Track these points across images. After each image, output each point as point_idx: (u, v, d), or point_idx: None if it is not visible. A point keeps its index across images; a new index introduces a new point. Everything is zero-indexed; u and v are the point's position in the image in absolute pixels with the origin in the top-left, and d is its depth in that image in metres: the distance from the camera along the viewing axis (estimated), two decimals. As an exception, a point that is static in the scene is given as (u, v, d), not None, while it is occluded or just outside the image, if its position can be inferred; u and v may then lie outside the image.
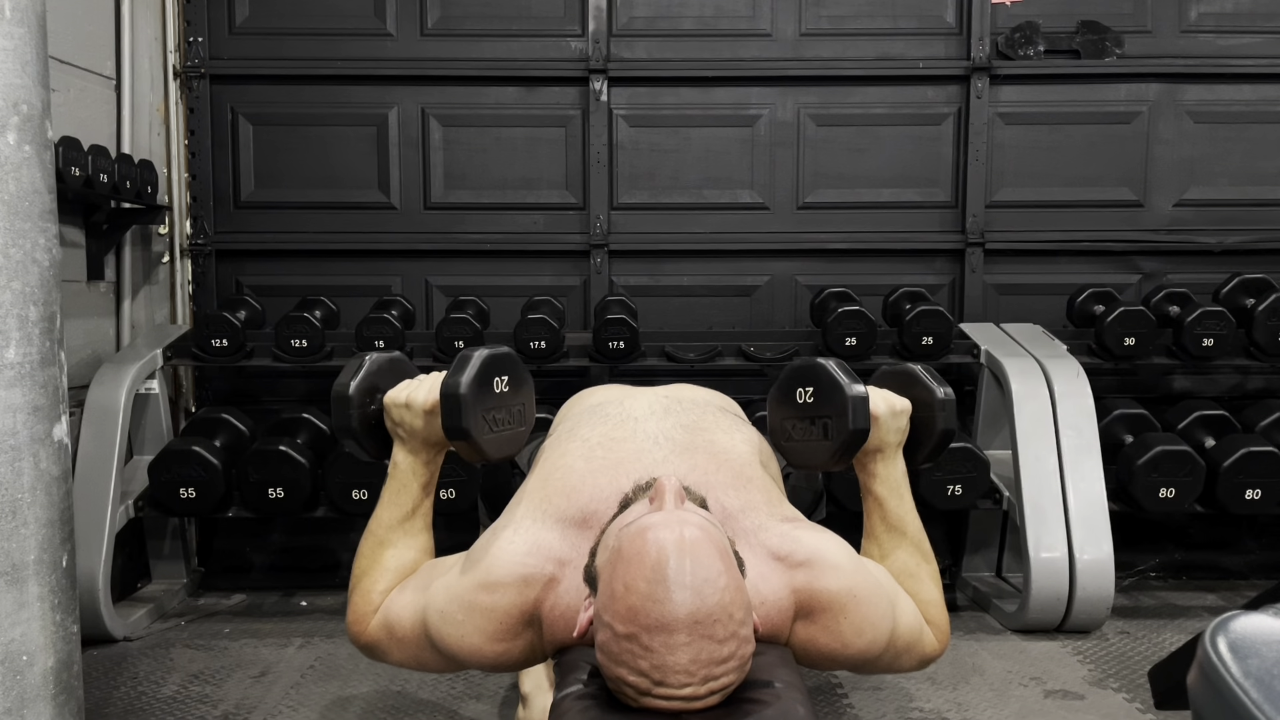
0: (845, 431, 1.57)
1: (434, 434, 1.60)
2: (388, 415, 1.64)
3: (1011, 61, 3.76)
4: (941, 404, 1.65)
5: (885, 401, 1.63)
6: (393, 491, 1.63)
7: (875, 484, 1.65)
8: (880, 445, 1.63)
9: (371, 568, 1.61)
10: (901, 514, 1.64)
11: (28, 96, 1.76)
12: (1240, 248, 3.76)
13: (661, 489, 1.34)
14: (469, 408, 1.54)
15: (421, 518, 1.64)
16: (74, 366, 3.06)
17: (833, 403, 1.58)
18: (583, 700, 1.32)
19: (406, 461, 1.63)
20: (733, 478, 1.49)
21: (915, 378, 1.70)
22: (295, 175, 3.80)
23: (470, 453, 1.60)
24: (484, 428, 1.57)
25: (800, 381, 1.63)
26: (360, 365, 1.66)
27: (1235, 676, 0.91)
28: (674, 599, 1.19)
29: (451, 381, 1.55)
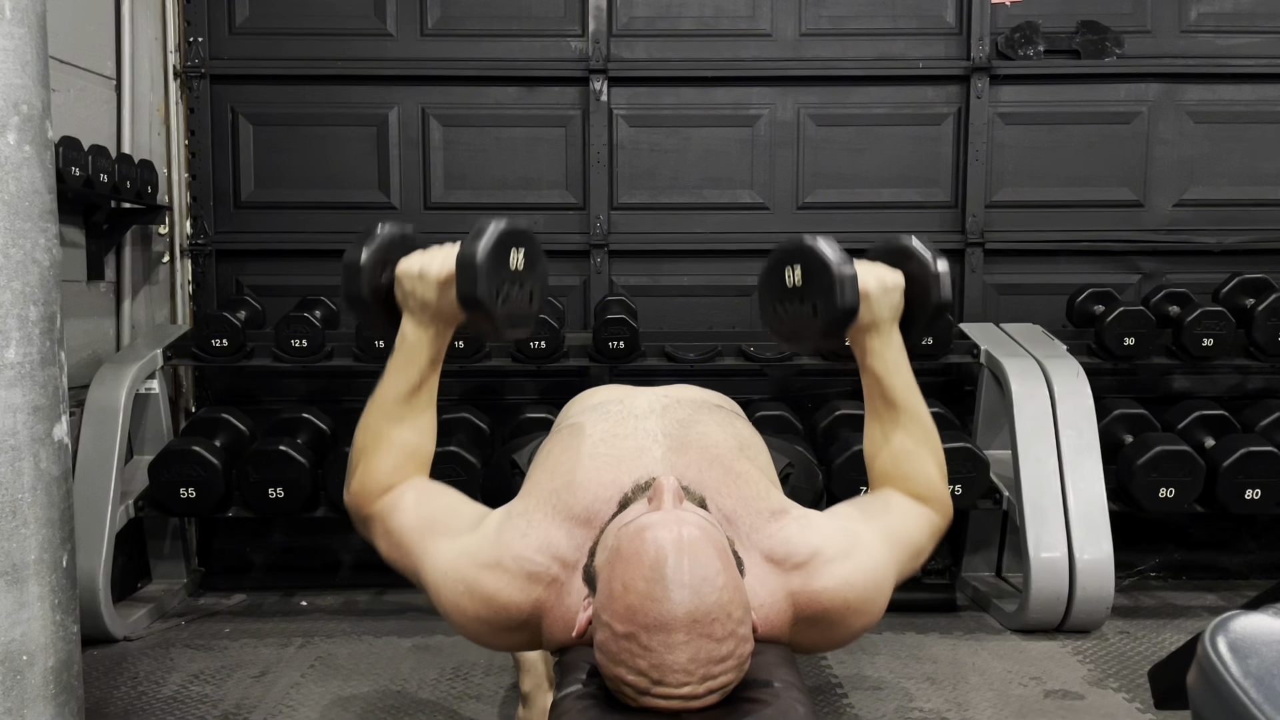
0: (834, 310, 1.53)
1: (446, 306, 1.56)
2: (399, 286, 1.59)
3: (1011, 61, 3.76)
4: (936, 277, 1.61)
5: (876, 277, 1.59)
6: (400, 365, 1.59)
7: (872, 360, 1.62)
8: (874, 321, 1.59)
9: (378, 443, 1.57)
10: (900, 389, 1.62)
11: (28, 96, 1.76)
12: (1240, 248, 3.76)
13: (660, 489, 1.34)
14: (484, 277, 1.50)
15: (427, 393, 1.61)
16: (74, 366, 3.05)
17: (821, 281, 1.54)
18: (582, 700, 1.32)
19: (415, 334, 1.59)
20: (724, 473, 1.49)
21: (909, 251, 1.65)
22: (295, 175, 3.80)
23: (482, 324, 1.56)
24: (498, 300, 1.53)
25: (788, 261, 1.60)
26: (372, 235, 1.63)
27: (1235, 676, 0.92)
28: (672, 598, 1.19)
29: (468, 250, 1.51)
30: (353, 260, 1.61)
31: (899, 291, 1.61)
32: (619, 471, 1.47)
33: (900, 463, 1.61)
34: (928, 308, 1.63)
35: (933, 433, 1.64)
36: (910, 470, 1.61)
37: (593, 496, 1.44)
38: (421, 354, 1.59)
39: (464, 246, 1.52)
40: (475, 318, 1.55)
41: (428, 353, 1.59)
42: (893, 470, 1.62)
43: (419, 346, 1.59)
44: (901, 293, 1.62)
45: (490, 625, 1.45)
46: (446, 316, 1.58)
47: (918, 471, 1.61)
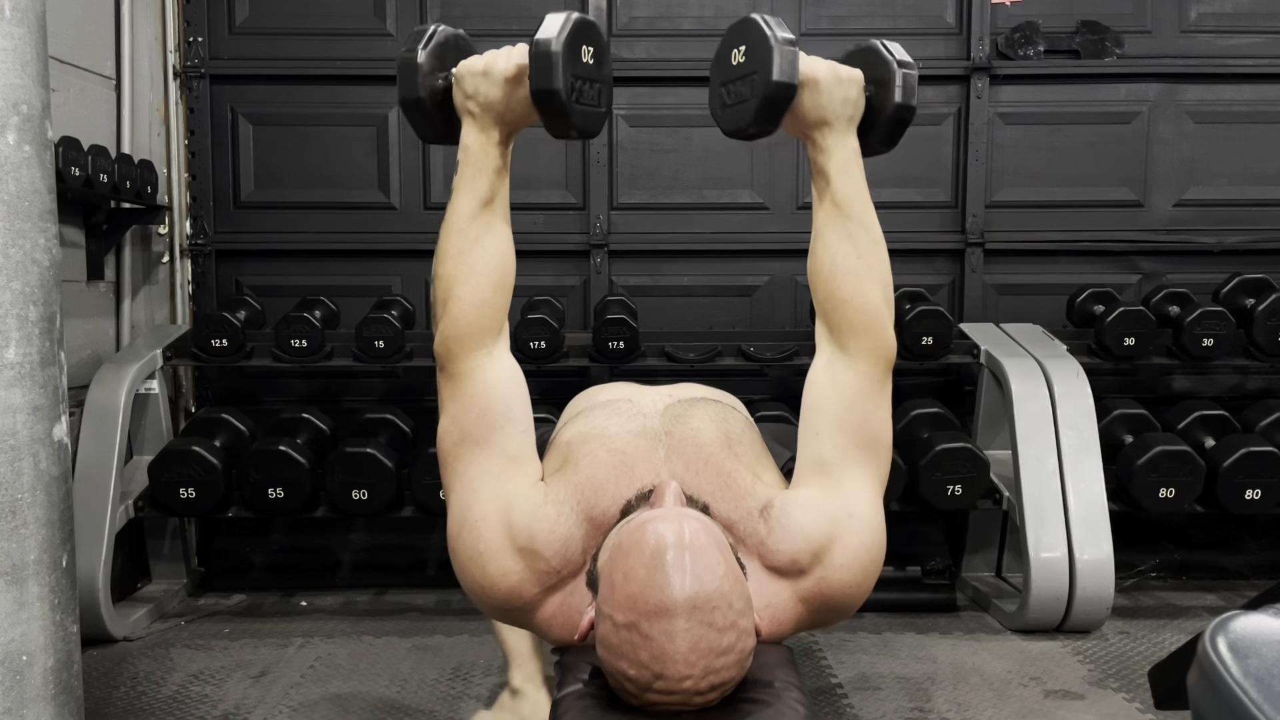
0: (769, 83, 1.44)
1: (512, 107, 1.49)
2: (459, 87, 1.51)
3: (1011, 61, 3.76)
4: (899, 77, 1.51)
5: (828, 66, 1.50)
6: (467, 178, 1.52)
7: (823, 160, 1.52)
8: (825, 117, 1.49)
9: (460, 268, 1.49)
10: (850, 194, 1.52)
11: (28, 96, 1.76)
12: (1240, 248, 3.76)
13: (662, 490, 1.35)
14: (562, 65, 1.43)
15: (501, 205, 1.54)
16: (74, 366, 3.06)
17: (760, 57, 1.46)
18: (583, 700, 1.32)
19: (478, 141, 1.51)
20: (716, 475, 1.47)
21: (873, 50, 1.55)
22: (295, 175, 3.80)
23: (556, 120, 1.49)
24: (572, 95, 1.47)
25: (735, 41, 1.53)
26: (430, 33, 1.53)
27: (1235, 676, 0.91)
28: (673, 584, 1.19)
29: (543, 39, 1.44)
30: (409, 59, 1.51)
31: (855, 86, 1.51)
32: (628, 476, 1.45)
33: (841, 281, 1.50)
34: (887, 109, 1.53)
35: (880, 247, 1.53)
36: (850, 292, 1.50)
37: (610, 500, 1.43)
38: (488, 161, 1.51)
39: (539, 37, 1.45)
40: (549, 113, 1.47)
41: (494, 162, 1.52)
42: (833, 289, 1.51)
43: (484, 154, 1.51)
44: (859, 88, 1.51)
45: (484, 592, 1.44)
46: (512, 119, 1.51)
47: (856, 294, 1.50)
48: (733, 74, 1.53)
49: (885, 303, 1.52)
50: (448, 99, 1.54)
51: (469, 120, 1.52)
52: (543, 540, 1.40)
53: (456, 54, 1.55)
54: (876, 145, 1.58)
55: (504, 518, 1.42)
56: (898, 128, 1.55)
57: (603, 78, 1.53)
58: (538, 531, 1.40)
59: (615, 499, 1.43)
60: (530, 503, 1.43)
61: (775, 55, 1.44)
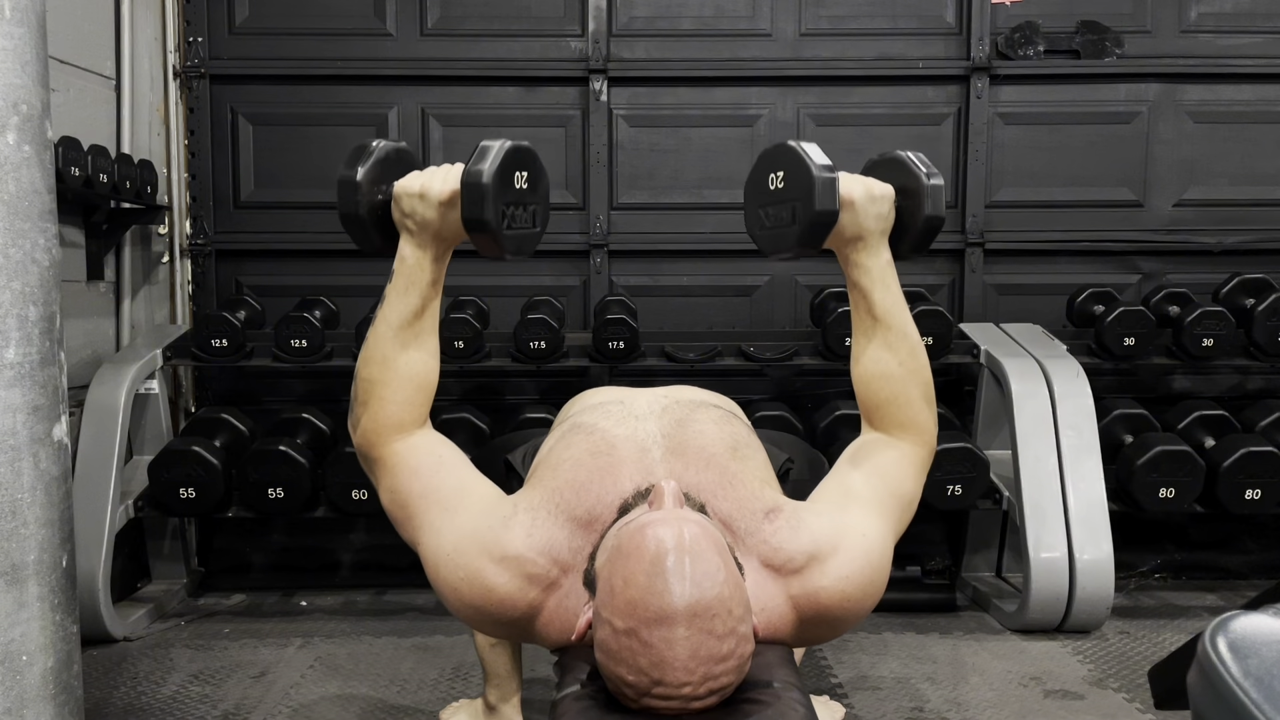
0: (811, 213, 1.49)
1: (447, 227, 1.52)
2: (397, 205, 1.54)
3: (1011, 61, 3.76)
4: (928, 190, 1.57)
5: (863, 185, 1.55)
6: (400, 289, 1.54)
7: (858, 274, 1.57)
8: (860, 233, 1.54)
9: (384, 373, 1.53)
10: (888, 305, 1.56)
11: (28, 96, 1.76)
12: (1240, 248, 3.76)
13: (661, 491, 1.35)
14: (491, 198, 1.46)
15: (430, 318, 1.57)
16: (74, 366, 3.06)
17: (800, 184, 1.51)
18: (581, 700, 1.32)
19: (415, 256, 1.53)
20: (719, 476, 1.48)
21: (901, 164, 1.62)
22: (295, 175, 3.80)
23: (487, 246, 1.52)
24: (503, 220, 1.50)
25: (771, 166, 1.57)
26: (368, 151, 1.56)
27: (1235, 676, 0.91)
28: (673, 591, 1.19)
29: (474, 170, 1.47)
30: (348, 177, 1.55)
31: (888, 202, 1.56)
32: (620, 476, 1.46)
33: (884, 384, 1.57)
34: (918, 221, 1.58)
35: (919, 352, 1.58)
36: (893, 392, 1.57)
37: (595, 499, 1.44)
38: (422, 276, 1.54)
39: (469, 167, 1.48)
40: (480, 240, 1.52)
41: (428, 274, 1.54)
42: (876, 391, 1.58)
43: (419, 268, 1.54)
44: (891, 204, 1.57)
45: (483, 613, 1.44)
46: (448, 237, 1.54)
47: (900, 394, 1.56)
48: (771, 198, 1.58)
49: (926, 401, 1.58)
50: (387, 213, 1.58)
51: (406, 235, 1.55)
52: (520, 544, 1.41)
53: (397, 169, 1.59)
54: (907, 252, 1.62)
55: (476, 540, 1.43)
56: (928, 236, 1.61)
57: (537, 198, 1.58)
58: (514, 539, 1.42)
59: (601, 499, 1.43)
60: (498, 517, 1.45)
61: (817, 184, 1.49)
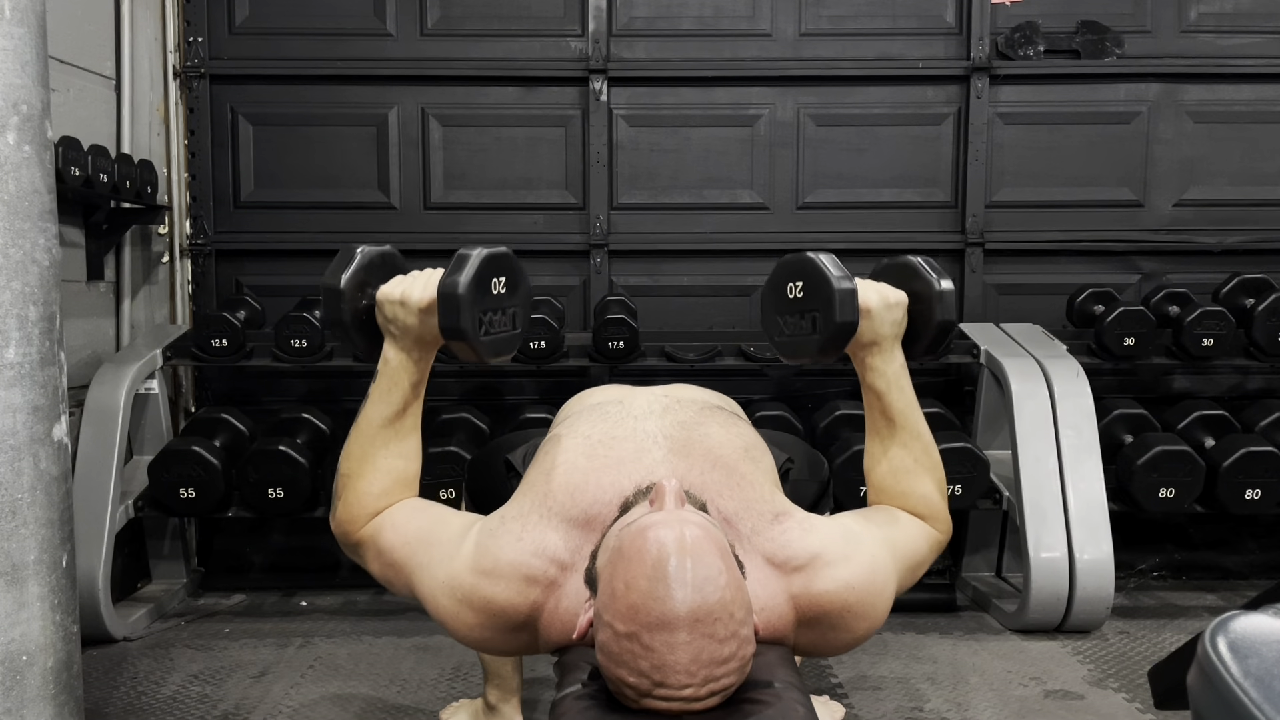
0: (833, 324, 1.54)
1: (428, 332, 1.55)
2: (380, 311, 1.57)
3: (1011, 61, 3.76)
4: (939, 295, 1.62)
5: (878, 294, 1.60)
6: (383, 389, 1.58)
7: (873, 378, 1.62)
8: (876, 338, 1.60)
9: (363, 468, 1.57)
10: (901, 407, 1.62)
11: (28, 96, 1.76)
12: (1240, 248, 3.76)
13: (662, 491, 1.34)
14: (467, 307, 1.49)
15: (411, 417, 1.59)
16: (74, 366, 3.06)
17: (820, 295, 1.55)
18: (582, 700, 1.32)
19: (398, 359, 1.57)
20: (726, 475, 1.48)
21: (913, 269, 1.66)
22: (295, 175, 3.80)
23: (466, 353, 1.56)
24: (481, 328, 1.53)
25: (790, 276, 1.61)
26: (352, 258, 1.60)
27: (1235, 676, 0.91)
28: (675, 596, 1.19)
29: (449, 280, 1.50)
30: (332, 284, 1.59)
31: (901, 308, 1.62)
32: (618, 474, 1.46)
33: (899, 479, 1.62)
34: (930, 326, 1.64)
35: (932, 450, 1.64)
36: (908, 487, 1.62)
37: (591, 500, 1.44)
38: (404, 379, 1.58)
39: (445, 277, 1.52)
40: (458, 347, 1.55)
41: (410, 378, 1.58)
42: (891, 486, 1.63)
43: (401, 371, 1.58)
44: (904, 310, 1.63)
45: (491, 630, 1.44)
46: (429, 342, 1.58)
47: (915, 488, 1.62)
48: (790, 307, 1.62)
49: (941, 493, 1.64)
50: (371, 317, 1.61)
51: (389, 339, 1.59)
52: (511, 552, 1.42)
53: (382, 273, 1.62)
54: (920, 355, 1.67)
55: (466, 561, 1.45)
56: (941, 340, 1.66)
57: (516, 301, 1.60)
58: (504, 549, 1.43)
59: (598, 499, 1.44)
60: (484, 533, 1.46)
61: (838, 297, 1.53)
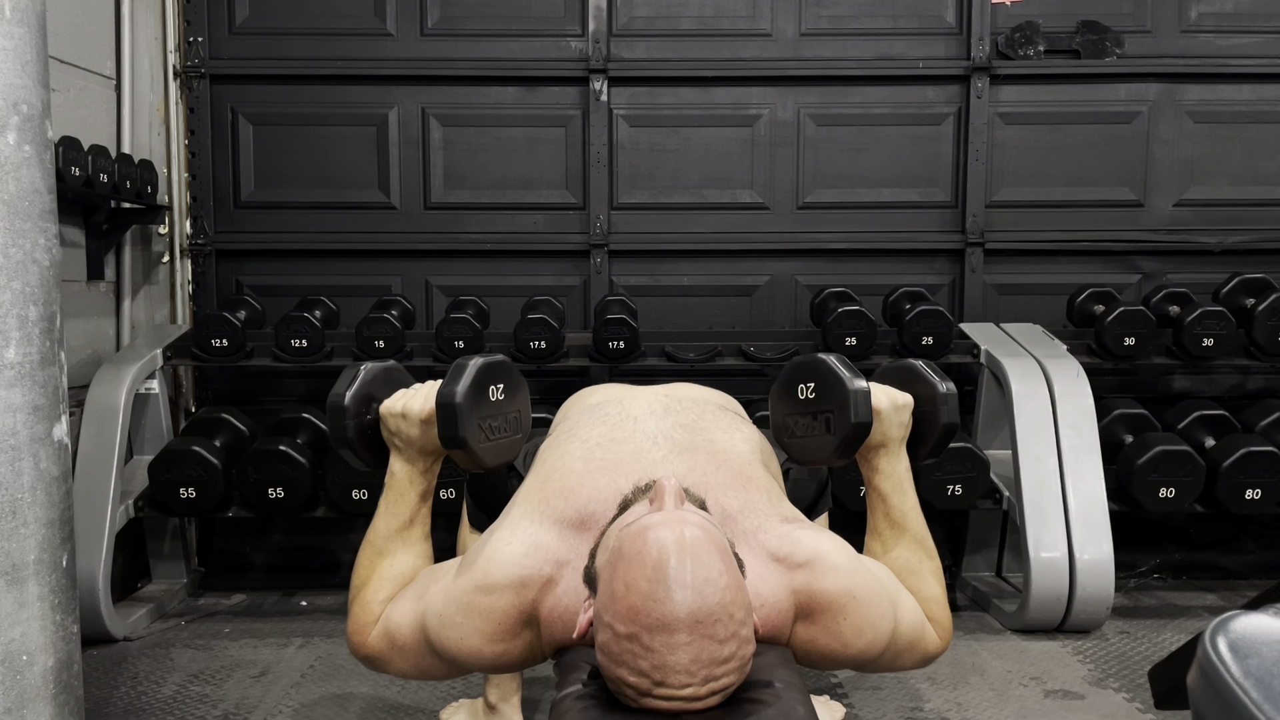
0: (848, 426, 1.56)
1: (430, 443, 1.59)
2: (384, 425, 1.62)
3: (1011, 61, 3.76)
4: (943, 398, 1.66)
5: (887, 396, 1.62)
6: (390, 501, 1.61)
7: (879, 479, 1.64)
8: (883, 440, 1.62)
9: (370, 578, 1.60)
10: (905, 510, 1.64)
11: (28, 96, 1.76)
12: (1240, 248, 3.76)
13: (661, 490, 1.34)
14: (465, 417, 1.54)
15: (420, 526, 1.63)
16: (74, 366, 3.06)
17: (835, 397, 1.57)
18: (582, 700, 1.32)
19: (404, 471, 1.61)
20: (732, 477, 1.49)
21: (917, 373, 1.70)
22: (295, 175, 3.80)
23: (467, 461, 1.60)
24: (480, 436, 1.58)
25: (802, 378, 1.63)
26: (355, 375, 1.66)
27: (1235, 676, 0.91)
28: (675, 599, 1.19)
29: (446, 391, 1.55)
30: (337, 401, 1.63)
31: (908, 410, 1.65)
32: (616, 474, 1.46)
33: (905, 579, 1.60)
34: (935, 428, 1.66)
35: (935, 556, 1.66)
36: (914, 587, 1.61)
37: (586, 500, 1.44)
38: (411, 491, 1.61)
39: (442, 389, 1.56)
40: (459, 456, 1.59)
41: (417, 489, 1.62)
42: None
43: (408, 484, 1.61)
44: (910, 412, 1.65)
45: (500, 639, 1.43)
46: (432, 452, 1.61)
47: (920, 589, 1.61)
48: (801, 408, 1.63)
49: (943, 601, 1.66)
50: (377, 432, 1.65)
51: (394, 451, 1.63)
52: (502, 557, 1.42)
53: (386, 387, 1.66)
54: (924, 457, 1.70)
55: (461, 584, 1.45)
56: (945, 442, 1.68)
57: (515, 405, 1.64)
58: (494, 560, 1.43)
59: (593, 498, 1.44)
60: (476, 556, 1.47)
61: (853, 398, 1.56)
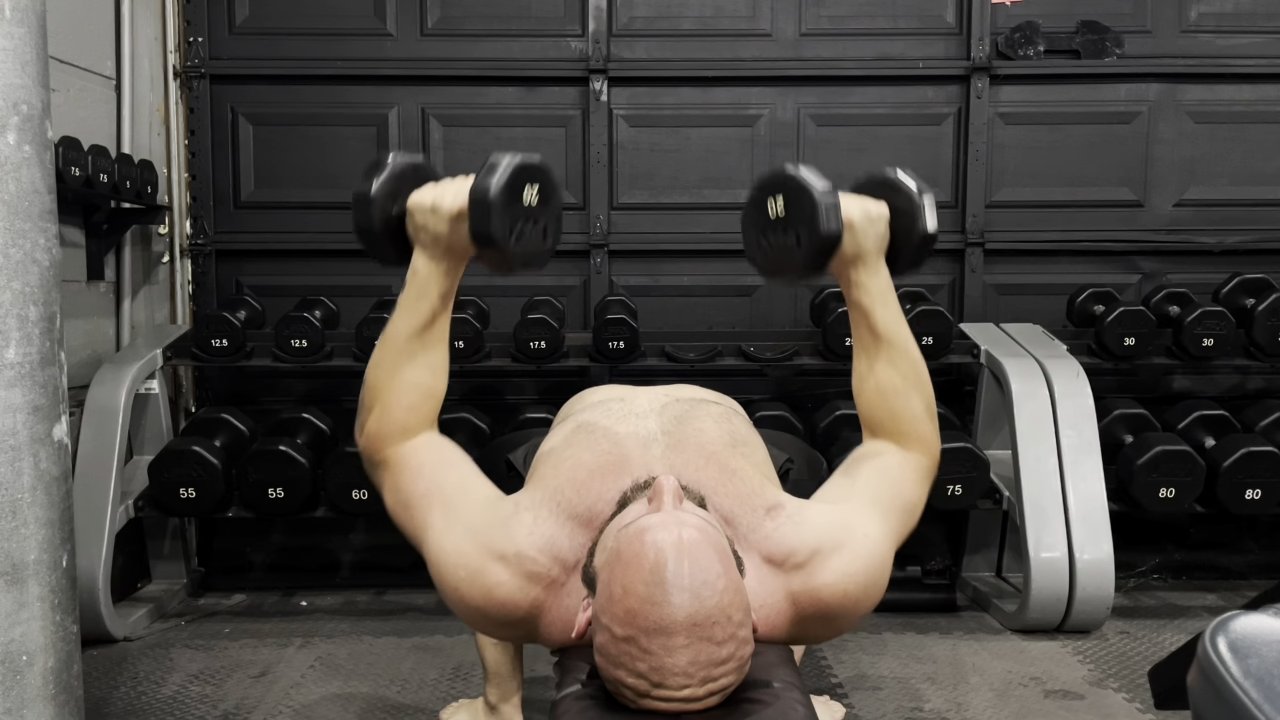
0: (817, 237, 1.50)
1: (458, 241, 1.53)
2: (411, 219, 1.56)
3: (1011, 61, 3.76)
4: (920, 207, 1.59)
5: (860, 206, 1.56)
6: (411, 299, 1.56)
7: (858, 293, 1.59)
8: (859, 253, 1.56)
9: (391, 382, 1.54)
10: (888, 320, 1.59)
11: (28, 96, 1.76)
12: (1240, 248, 3.76)
13: (660, 489, 1.33)
14: (498, 213, 1.47)
15: (439, 330, 1.58)
16: (74, 366, 3.05)
17: (803, 209, 1.51)
18: (582, 700, 1.32)
19: (427, 268, 1.56)
20: (719, 472, 1.47)
21: (893, 183, 1.62)
22: (295, 175, 3.80)
23: (495, 261, 1.54)
24: (511, 236, 1.50)
25: (770, 191, 1.57)
26: (383, 165, 1.59)
27: (1235, 676, 0.91)
28: (672, 601, 1.19)
29: (481, 185, 1.48)
30: (363, 191, 1.57)
31: (884, 222, 1.58)
32: (619, 471, 1.46)
33: (887, 398, 1.59)
34: (913, 239, 1.60)
35: (920, 367, 1.61)
36: (896, 407, 1.59)
37: (595, 497, 1.43)
38: (433, 289, 1.56)
39: (477, 182, 1.49)
40: (488, 254, 1.52)
41: (439, 287, 1.56)
42: (879, 406, 1.61)
43: (431, 281, 1.56)
44: (886, 223, 1.59)
45: (485, 615, 1.44)
46: (459, 251, 1.55)
47: (903, 408, 1.59)
48: (772, 224, 1.58)
49: (929, 414, 1.61)
50: (402, 227, 1.59)
51: (419, 248, 1.57)
52: (522, 543, 1.41)
53: (413, 182, 1.60)
54: (903, 269, 1.64)
55: (478, 538, 1.43)
56: (923, 253, 1.63)
57: (548, 214, 1.58)
58: (515, 537, 1.41)
59: (601, 495, 1.43)
60: (499, 516, 1.45)
61: (821, 209, 1.49)
